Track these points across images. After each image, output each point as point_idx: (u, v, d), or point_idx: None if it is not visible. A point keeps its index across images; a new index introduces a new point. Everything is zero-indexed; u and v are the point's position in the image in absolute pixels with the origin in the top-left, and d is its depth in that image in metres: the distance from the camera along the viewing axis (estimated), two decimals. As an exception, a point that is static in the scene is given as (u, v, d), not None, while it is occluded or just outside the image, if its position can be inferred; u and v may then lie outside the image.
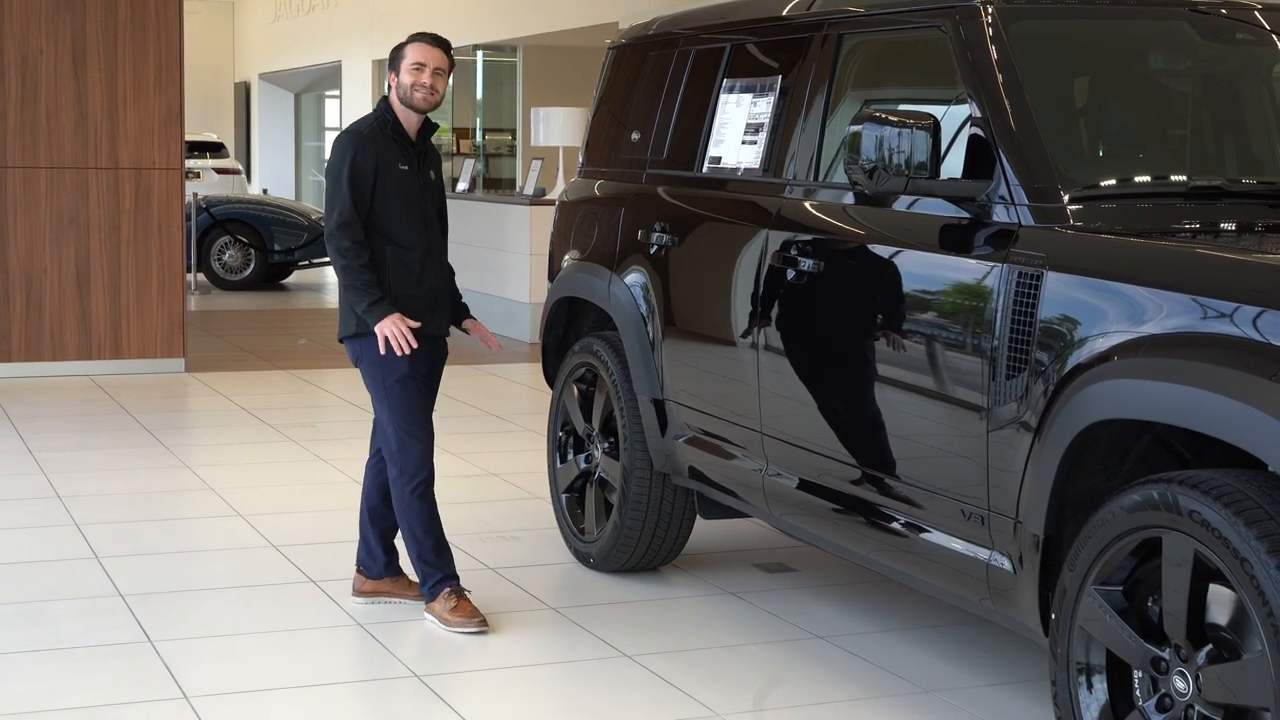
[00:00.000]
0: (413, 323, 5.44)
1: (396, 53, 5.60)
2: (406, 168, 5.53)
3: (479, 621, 5.50)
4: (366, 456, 5.84)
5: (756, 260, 5.18)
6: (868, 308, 4.74)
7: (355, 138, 5.52)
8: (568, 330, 6.63)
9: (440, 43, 5.60)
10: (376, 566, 5.76)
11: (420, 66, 5.51)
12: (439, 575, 5.58)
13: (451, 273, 5.75)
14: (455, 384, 11.07)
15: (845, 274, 4.85)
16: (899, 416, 4.56)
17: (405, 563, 5.80)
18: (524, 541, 6.71)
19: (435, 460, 5.62)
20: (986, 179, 4.31)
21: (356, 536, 5.98)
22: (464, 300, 5.82)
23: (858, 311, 4.79)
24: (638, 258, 5.93)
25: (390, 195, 5.49)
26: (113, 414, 9.64)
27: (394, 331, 5.39)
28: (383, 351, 5.42)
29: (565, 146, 13.92)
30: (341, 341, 5.61)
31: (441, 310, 5.63)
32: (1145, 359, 3.66)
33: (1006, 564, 4.16)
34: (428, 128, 5.64)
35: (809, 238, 4.97)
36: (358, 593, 5.79)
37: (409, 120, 5.56)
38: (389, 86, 5.61)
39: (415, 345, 5.42)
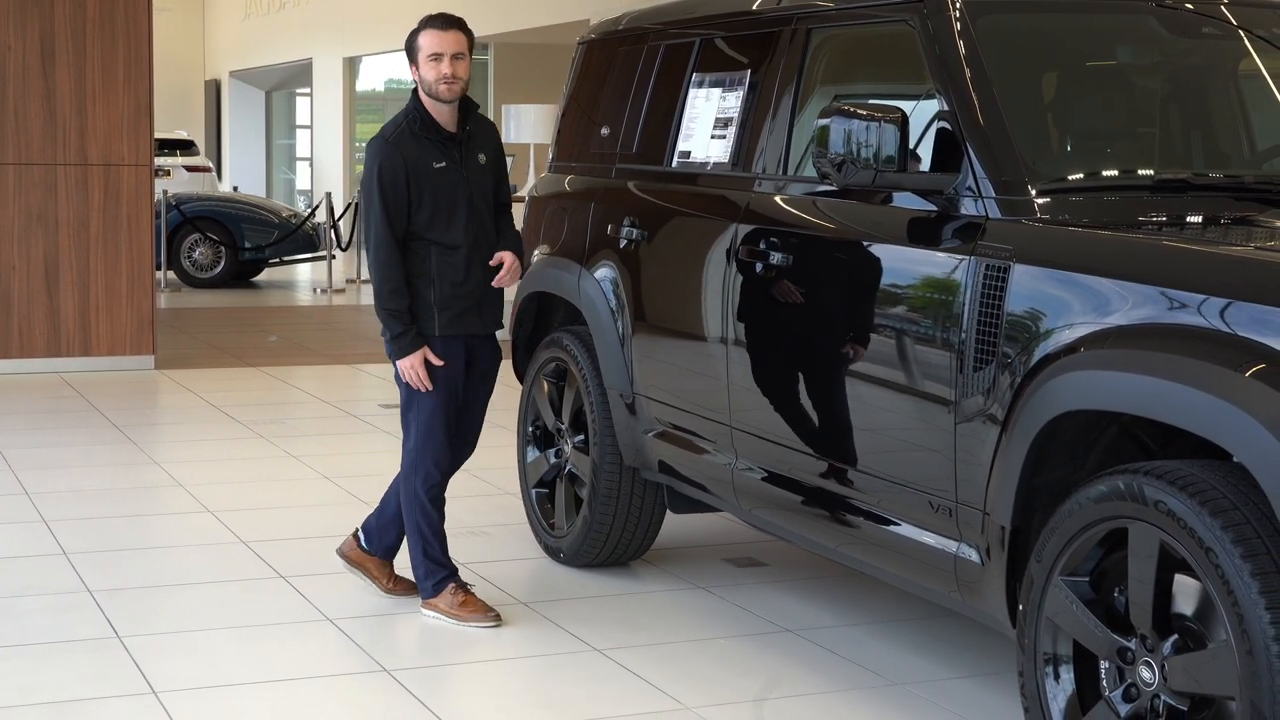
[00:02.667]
0: (436, 361, 5.37)
1: (411, 43, 5.40)
2: (443, 164, 5.36)
3: (493, 616, 5.48)
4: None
5: (725, 254, 5.19)
6: (836, 301, 4.76)
7: (382, 145, 5.35)
8: (537, 325, 6.63)
9: (453, 23, 5.38)
10: (377, 544, 5.72)
11: (438, 57, 5.31)
12: (443, 573, 5.56)
13: (511, 227, 5.59)
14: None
15: (814, 267, 4.86)
16: (867, 410, 4.57)
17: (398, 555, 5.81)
18: (494, 537, 6.71)
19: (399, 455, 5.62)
20: (954, 172, 4.32)
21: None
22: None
23: (826, 305, 4.81)
24: (607, 252, 5.93)
25: (426, 197, 5.33)
26: (82, 411, 9.60)
27: (412, 375, 5.35)
28: (409, 382, 5.38)
29: (536, 144, 13.90)
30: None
31: (491, 306, 5.53)
32: (1112, 350, 3.68)
33: (974, 556, 4.17)
34: (468, 109, 5.44)
35: (778, 231, 4.98)
36: (343, 553, 5.76)
37: (440, 112, 5.38)
38: (414, 80, 5.41)
39: (431, 388, 5.38)
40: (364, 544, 5.77)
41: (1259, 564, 3.30)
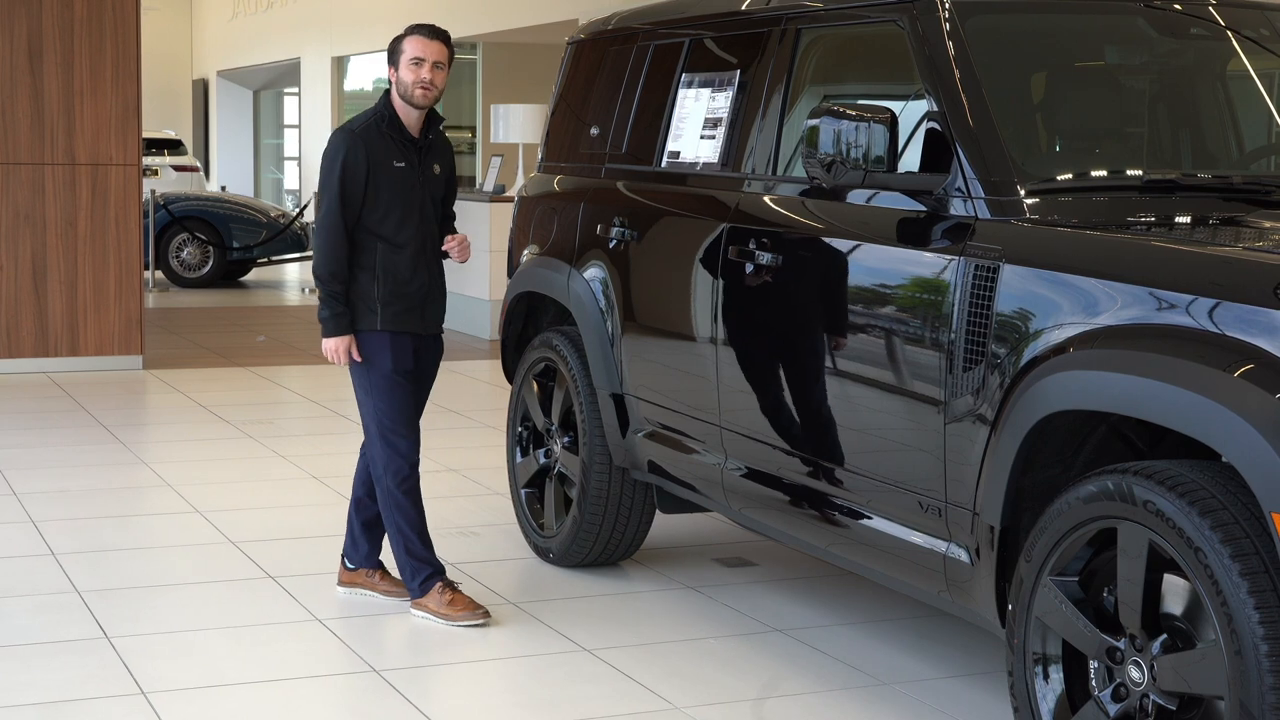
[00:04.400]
0: (356, 356, 5.47)
1: (395, 47, 5.53)
2: (403, 164, 5.48)
3: (482, 613, 5.50)
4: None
5: (715, 254, 5.19)
6: (825, 301, 4.76)
7: (348, 136, 5.46)
8: (527, 325, 6.63)
9: (438, 34, 5.52)
10: (358, 556, 5.77)
11: (419, 62, 5.44)
12: (428, 571, 5.56)
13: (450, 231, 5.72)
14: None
15: (803, 268, 4.86)
16: (857, 410, 4.57)
17: (386, 557, 5.79)
18: (484, 537, 6.71)
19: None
20: (944, 173, 4.33)
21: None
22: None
23: (816, 305, 4.81)
24: (597, 252, 5.93)
25: (383, 193, 5.45)
26: (70, 411, 9.58)
27: (334, 354, 5.47)
28: (329, 359, 5.45)
29: (525, 143, 13.89)
30: None
31: (435, 306, 5.62)
32: (1101, 350, 3.69)
33: (964, 556, 4.18)
34: (432, 121, 5.59)
35: (767, 232, 4.98)
36: (339, 582, 5.79)
37: (409, 116, 5.51)
38: (389, 81, 5.53)
39: (345, 363, 5.48)
40: (349, 565, 5.79)
41: (1248, 564, 3.31)
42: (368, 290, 5.47)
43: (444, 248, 5.64)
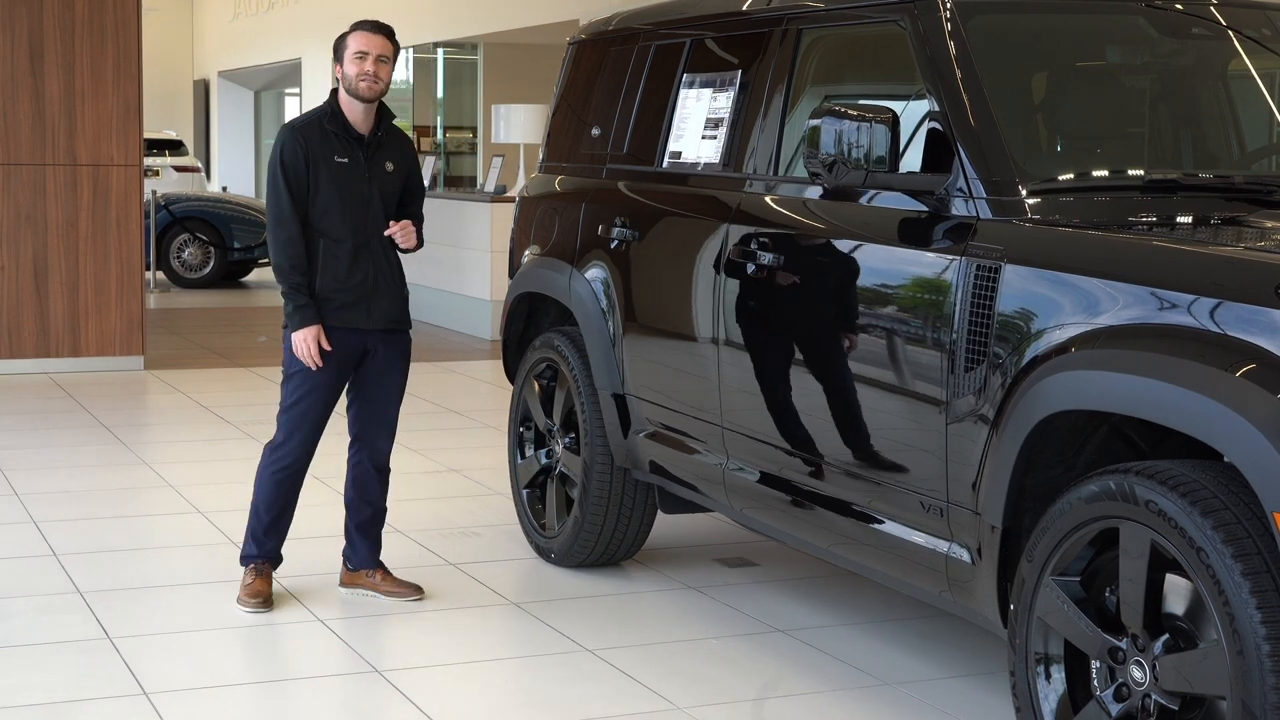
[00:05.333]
0: (326, 345, 5.48)
1: (340, 43, 5.58)
2: (345, 160, 5.51)
3: (258, 603, 5.60)
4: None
5: (716, 255, 5.19)
6: (827, 302, 4.76)
7: (288, 132, 5.54)
8: (528, 326, 6.63)
9: (382, 29, 5.57)
10: (356, 558, 5.79)
11: (363, 55, 5.49)
12: (255, 552, 5.69)
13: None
14: (416, 381, 11.03)
15: (805, 268, 4.86)
16: (858, 410, 4.57)
17: (388, 558, 5.80)
18: (485, 537, 6.71)
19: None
20: (945, 173, 4.33)
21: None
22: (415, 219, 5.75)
23: (817, 305, 4.81)
24: (598, 253, 5.93)
25: (323, 188, 5.48)
26: (71, 412, 9.59)
27: (303, 346, 5.47)
28: (297, 354, 5.50)
29: (526, 144, 13.90)
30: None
31: (382, 303, 5.59)
32: (1102, 350, 3.69)
33: (965, 556, 4.18)
34: (383, 116, 5.61)
35: (769, 232, 4.98)
36: (341, 583, 5.80)
37: (354, 111, 5.54)
38: (335, 78, 5.58)
39: (320, 364, 5.49)
40: (350, 566, 5.80)
41: (1250, 564, 3.31)
42: (309, 285, 5.51)
43: (386, 233, 5.60)
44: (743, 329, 5.09)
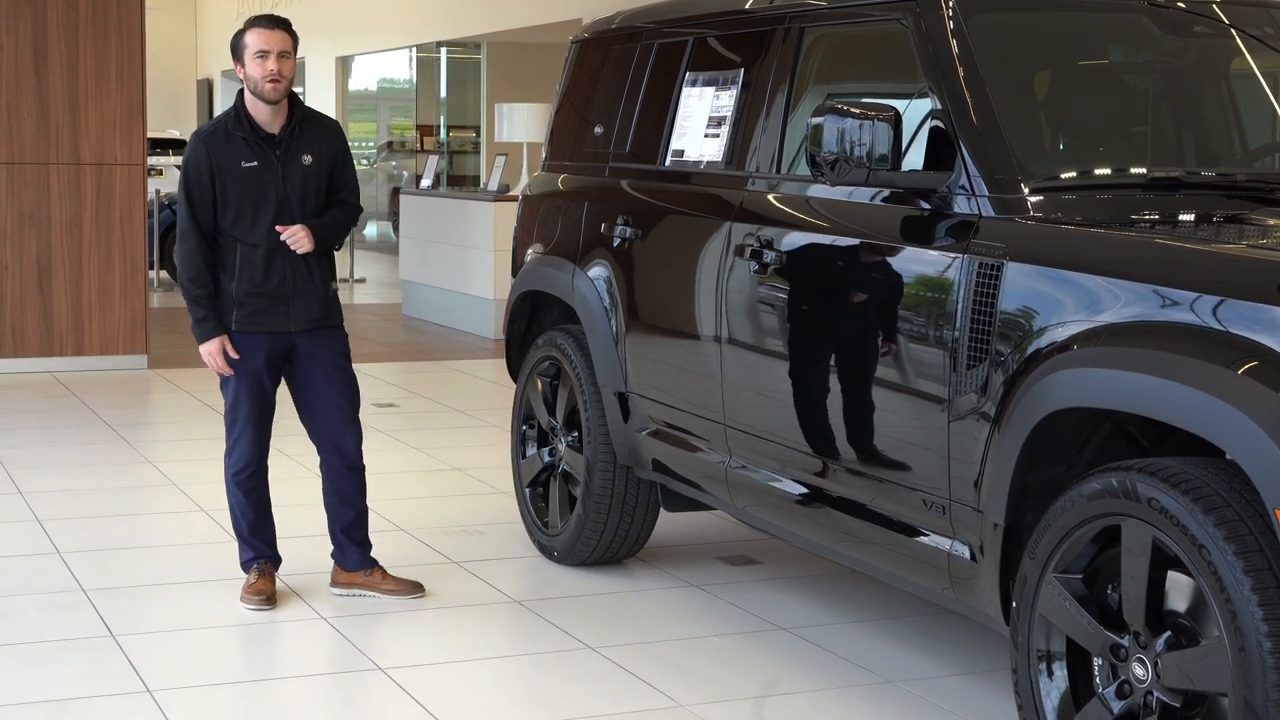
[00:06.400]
0: (232, 353, 5.49)
1: (237, 41, 5.48)
2: (254, 164, 5.45)
3: (261, 600, 5.61)
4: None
5: (719, 253, 5.20)
6: (829, 300, 4.77)
7: (194, 141, 5.52)
8: (531, 324, 6.63)
9: (279, 23, 5.49)
10: (349, 560, 5.77)
11: (264, 54, 5.39)
12: (250, 554, 5.73)
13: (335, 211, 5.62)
14: (419, 380, 11.07)
15: (807, 266, 4.87)
16: (860, 408, 4.57)
17: (392, 557, 5.80)
18: (488, 535, 6.71)
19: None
20: (947, 171, 4.33)
21: (319, 531, 5.99)
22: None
23: (819, 303, 4.81)
24: (601, 251, 5.94)
25: (232, 194, 5.45)
26: (75, 410, 9.60)
27: (210, 360, 5.51)
28: (208, 365, 5.53)
29: (529, 142, 13.90)
30: None
31: (304, 302, 5.55)
32: (1105, 348, 3.69)
33: (967, 553, 4.18)
34: (295, 110, 5.52)
35: (771, 230, 4.98)
36: (334, 584, 5.79)
37: (260, 111, 5.47)
38: (239, 78, 5.50)
39: (231, 372, 5.52)
40: (346, 567, 5.79)
41: (1251, 561, 3.32)
42: (226, 290, 5.52)
43: (306, 273, 5.54)
44: (745, 327, 5.09)
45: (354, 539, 5.75)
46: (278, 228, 5.47)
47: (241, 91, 5.52)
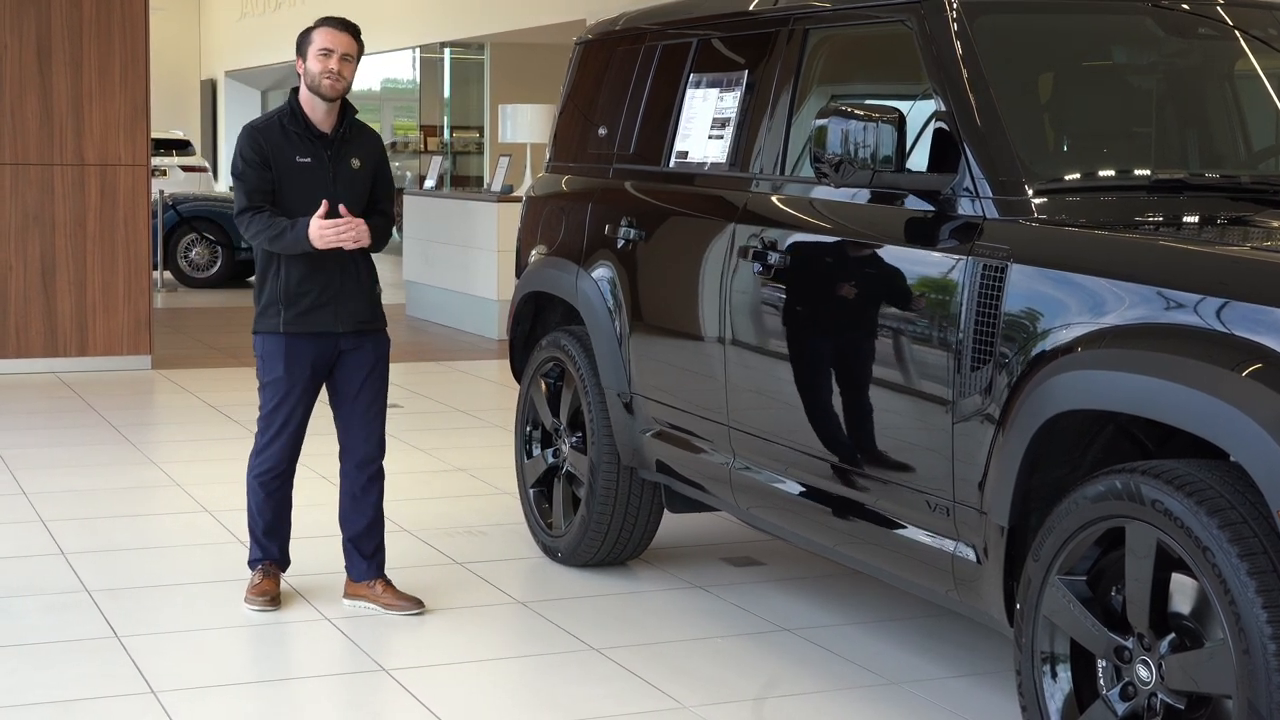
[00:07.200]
0: (339, 221, 5.35)
1: (304, 38, 5.50)
2: (307, 160, 5.45)
3: (265, 601, 5.61)
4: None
5: (723, 254, 5.20)
6: (833, 301, 4.77)
7: (248, 133, 5.50)
8: (535, 325, 6.63)
9: (348, 27, 5.50)
10: (355, 570, 5.73)
11: (327, 53, 5.40)
12: (258, 555, 5.72)
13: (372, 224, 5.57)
14: (423, 380, 11.07)
15: (811, 267, 4.87)
16: (864, 409, 4.57)
17: (395, 557, 5.80)
18: (491, 536, 6.72)
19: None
20: (951, 172, 4.33)
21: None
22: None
23: (823, 305, 4.82)
24: (605, 252, 5.94)
25: (283, 189, 5.44)
26: (79, 411, 9.60)
27: (321, 233, 5.33)
28: (321, 241, 5.35)
29: (533, 143, 13.91)
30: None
31: (352, 303, 5.53)
32: (1109, 350, 3.69)
33: (971, 555, 4.18)
34: (346, 113, 5.54)
35: (775, 232, 4.98)
36: (344, 595, 5.77)
37: (315, 109, 5.47)
38: (299, 75, 5.51)
39: (344, 232, 5.34)
40: (352, 577, 5.76)
41: (1256, 563, 3.32)
42: (273, 288, 5.50)
43: (352, 272, 5.53)
44: (749, 328, 5.09)
45: (362, 550, 5.70)
46: (340, 207, 5.41)
47: (296, 90, 5.52)
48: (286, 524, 5.75)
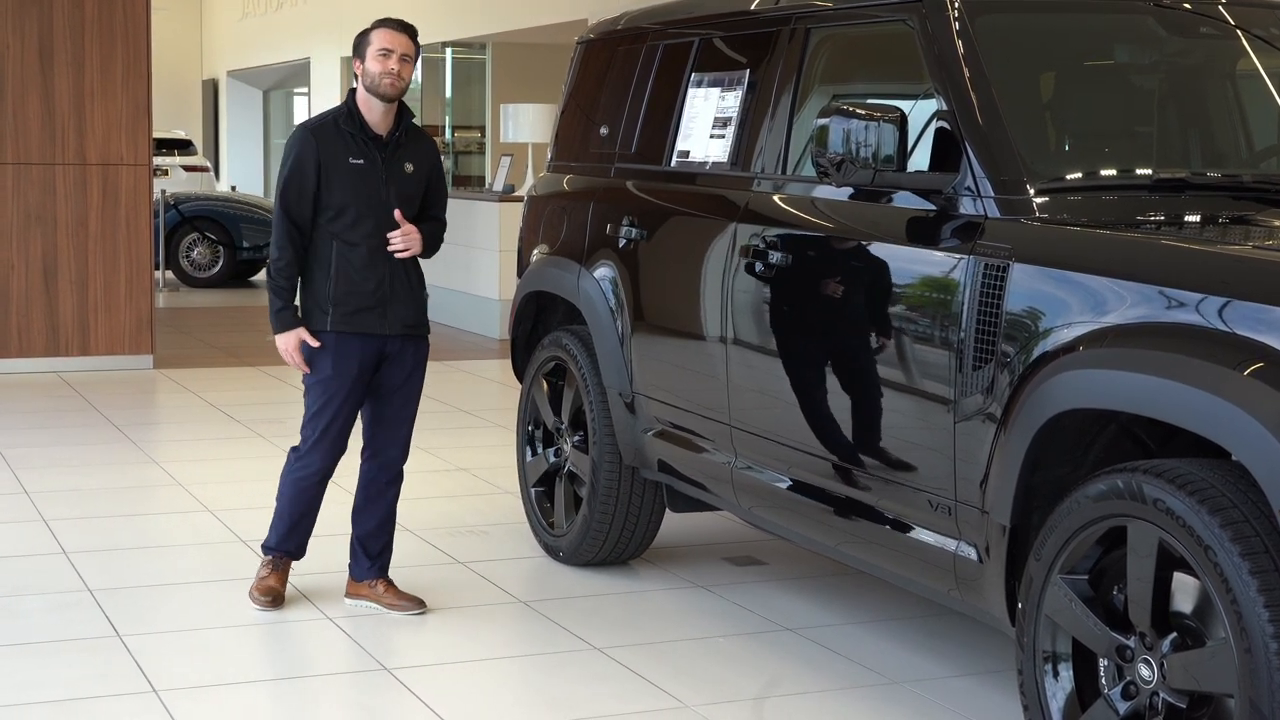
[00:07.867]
0: (312, 342, 5.45)
1: (362, 39, 5.50)
2: (361, 161, 5.43)
3: (268, 601, 5.61)
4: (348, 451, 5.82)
5: (725, 253, 5.20)
6: (835, 300, 4.77)
7: (302, 132, 5.48)
8: (536, 325, 6.63)
9: (406, 28, 5.49)
10: (359, 569, 5.73)
11: (387, 53, 5.40)
12: (275, 545, 5.70)
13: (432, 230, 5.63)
14: (426, 380, 11.05)
15: (813, 267, 4.87)
16: (866, 408, 4.58)
17: (397, 556, 5.79)
18: (493, 536, 6.72)
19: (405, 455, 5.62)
20: (953, 172, 4.33)
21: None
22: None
23: (825, 304, 4.81)
24: (607, 252, 5.94)
25: (336, 190, 5.42)
26: (81, 410, 9.61)
27: (287, 355, 5.49)
28: (284, 357, 5.49)
29: (534, 143, 13.91)
30: None
31: (401, 307, 5.52)
32: (1110, 349, 3.69)
33: (973, 554, 4.18)
34: (403, 116, 5.52)
35: (777, 231, 4.98)
36: (346, 594, 5.77)
37: (373, 110, 5.45)
38: (355, 76, 5.50)
39: (306, 369, 5.49)
40: (353, 576, 5.76)
41: (1257, 562, 3.32)
42: (321, 289, 5.48)
43: (403, 269, 5.53)
44: (751, 328, 5.09)
45: (368, 549, 5.70)
46: (396, 212, 5.44)
47: (353, 91, 5.50)
48: (312, 523, 5.74)
